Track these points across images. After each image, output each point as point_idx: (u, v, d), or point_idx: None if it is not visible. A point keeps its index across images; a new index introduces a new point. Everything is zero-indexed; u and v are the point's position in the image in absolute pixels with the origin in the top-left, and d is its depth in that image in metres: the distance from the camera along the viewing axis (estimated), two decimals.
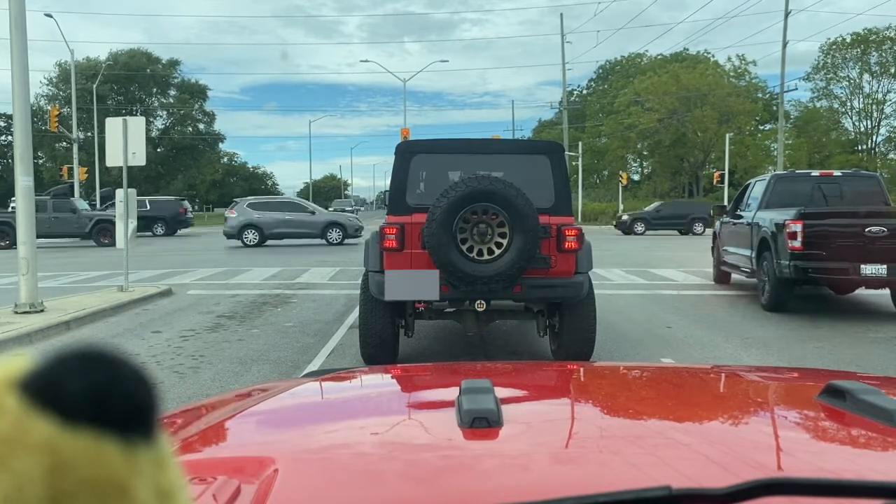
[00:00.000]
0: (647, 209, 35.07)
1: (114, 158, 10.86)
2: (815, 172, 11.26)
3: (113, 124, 10.95)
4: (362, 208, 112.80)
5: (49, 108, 41.76)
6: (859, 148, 56.54)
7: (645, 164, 62.78)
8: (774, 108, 42.77)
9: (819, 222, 8.70)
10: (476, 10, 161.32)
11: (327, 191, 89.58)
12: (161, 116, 62.79)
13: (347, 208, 49.91)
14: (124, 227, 10.85)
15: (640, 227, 32.32)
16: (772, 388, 1.56)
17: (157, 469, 0.38)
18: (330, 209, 49.38)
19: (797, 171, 13.79)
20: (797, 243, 8.56)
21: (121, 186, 10.96)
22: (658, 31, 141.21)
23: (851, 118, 57.12)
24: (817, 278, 8.83)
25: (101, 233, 24.18)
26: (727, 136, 40.29)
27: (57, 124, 31.19)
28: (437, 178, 6.24)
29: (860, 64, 54.32)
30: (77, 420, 0.35)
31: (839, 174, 10.89)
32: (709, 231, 30.47)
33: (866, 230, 8.48)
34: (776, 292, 9.08)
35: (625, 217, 33.68)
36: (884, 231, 8.42)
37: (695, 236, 30.14)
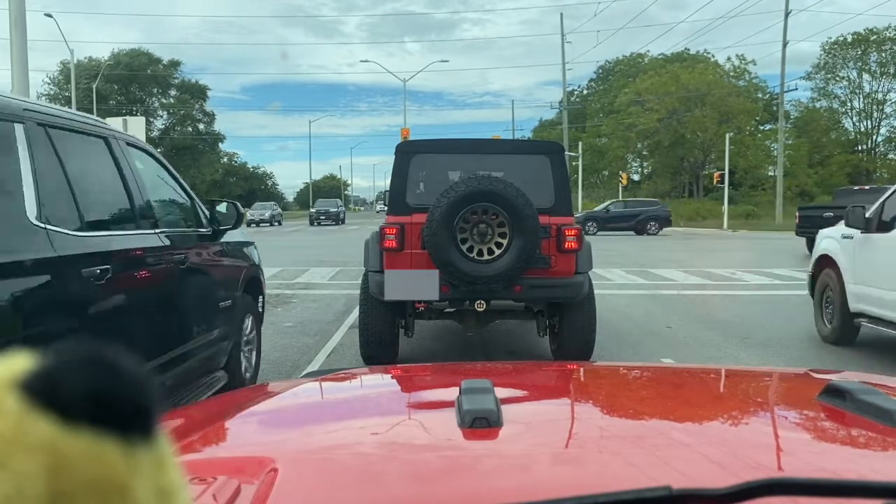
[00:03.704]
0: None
1: None
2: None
3: (113, 124, 10.95)
4: (362, 208, 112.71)
5: None
6: (859, 148, 56.53)
7: (645, 164, 62.78)
8: (774, 108, 42.78)
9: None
10: (476, 10, 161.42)
11: (327, 191, 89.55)
12: (161, 116, 62.92)
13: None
14: None
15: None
16: (772, 388, 1.56)
17: (157, 469, 0.38)
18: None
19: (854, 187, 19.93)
20: None
21: None
22: (658, 31, 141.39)
23: (851, 118, 57.13)
24: None
25: None
26: (727, 136, 40.28)
27: None
28: (437, 178, 6.24)
29: (860, 64, 54.30)
30: (77, 420, 0.35)
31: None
32: None
33: (823, 215, 14.27)
34: None
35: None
36: (831, 214, 13.32)
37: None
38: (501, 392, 1.17)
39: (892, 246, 6.24)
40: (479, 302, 5.77)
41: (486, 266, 5.54)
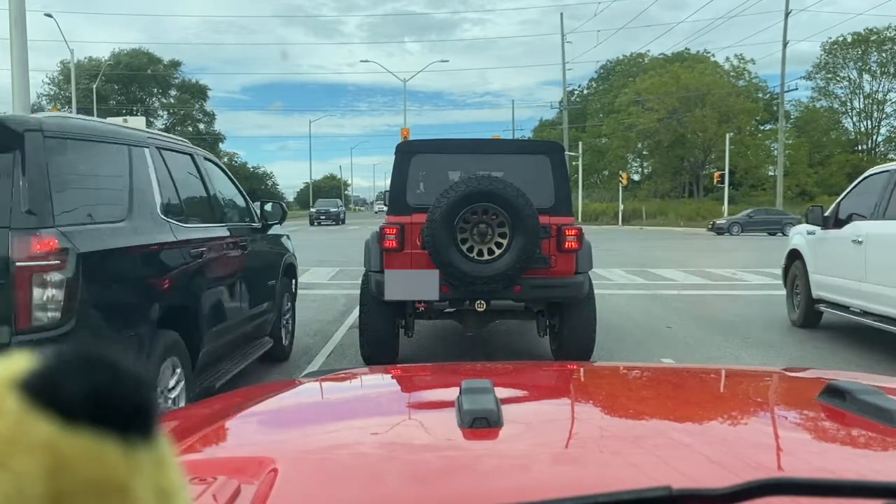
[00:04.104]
0: None
1: None
2: None
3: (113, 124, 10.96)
4: (362, 208, 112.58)
5: (49, 107, 41.74)
6: (859, 148, 56.53)
7: (645, 164, 62.77)
8: (774, 108, 42.78)
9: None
10: (476, 10, 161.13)
11: (328, 190, 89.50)
12: (162, 116, 62.95)
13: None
14: None
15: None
16: (772, 388, 1.56)
17: (157, 469, 0.38)
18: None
19: None
20: None
21: None
22: (659, 31, 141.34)
23: (852, 118, 57.13)
24: None
25: None
26: (727, 136, 40.28)
27: None
28: (437, 178, 6.24)
29: (860, 64, 54.30)
30: (77, 420, 0.35)
31: None
32: None
33: None
34: None
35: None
36: None
37: None
38: (501, 392, 1.17)
39: (844, 241, 7.19)
40: (479, 302, 5.77)
41: (486, 266, 5.54)
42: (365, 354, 6.06)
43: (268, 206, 6.22)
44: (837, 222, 7.49)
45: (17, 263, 3.08)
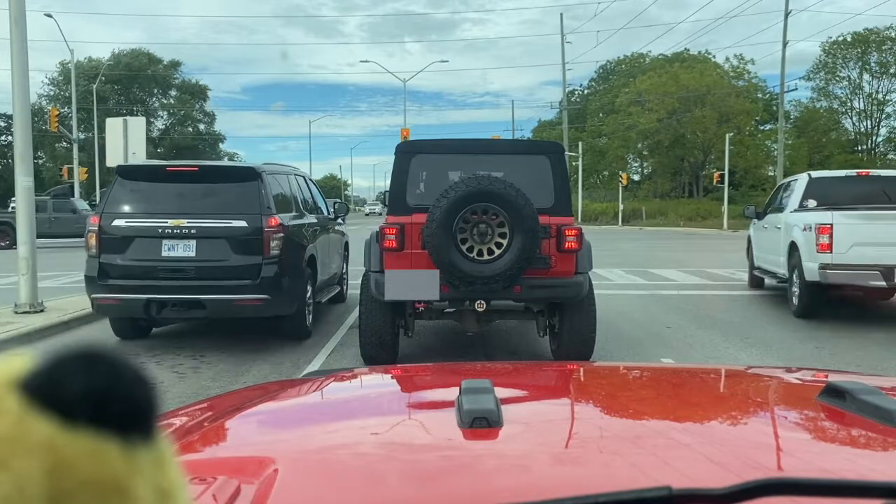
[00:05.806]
0: None
1: (114, 158, 10.88)
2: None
3: (113, 124, 10.96)
4: (362, 208, 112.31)
5: (50, 108, 41.69)
6: (859, 148, 56.47)
7: (645, 164, 62.73)
8: (774, 108, 42.78)
9: None
10: (477, 10, 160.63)
11: (328, 191, 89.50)
12: (162, 117, 62.89)
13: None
14: None
15: None
16: (772, 388, 1.56)
17: (157, 469, 0.38)
18: None
19: None
20: None
21: None
22: (659, 31, 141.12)
23: (851, 118, 57.04)
24: None
25: None
26: (727, 136, 40.25)
27: (57, 124, 31.14)
28: (437, 178, 6.24)
29: (860, 64, 54.22)
30: (77, 420, 0.35)
31: None
32: None
33: None
34: None
35: None
36: None
37: None
38: (501, 392, 1.17)
39: (762, 227, 11.13)
40: (479, 302, 5.77)
41: (486, 266, 5.54)
42: (365, 354, 6.06)
43: (336, 205, 10.09)
44: (764, 215, 10.96)
45: (265, 230, 6.81)
